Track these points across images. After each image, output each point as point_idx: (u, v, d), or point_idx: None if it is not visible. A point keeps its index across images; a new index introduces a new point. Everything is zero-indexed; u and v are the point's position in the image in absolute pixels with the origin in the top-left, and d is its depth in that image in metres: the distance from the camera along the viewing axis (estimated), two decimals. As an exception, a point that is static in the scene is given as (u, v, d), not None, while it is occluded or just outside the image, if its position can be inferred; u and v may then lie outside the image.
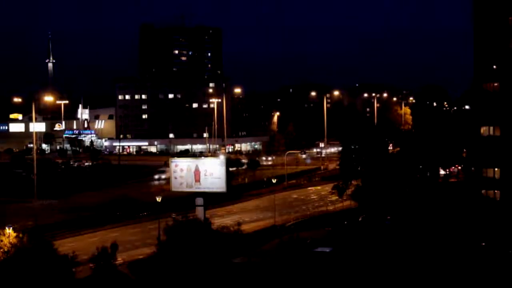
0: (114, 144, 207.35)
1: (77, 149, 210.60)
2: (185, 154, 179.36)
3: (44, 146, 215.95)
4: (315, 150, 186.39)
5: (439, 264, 59.22)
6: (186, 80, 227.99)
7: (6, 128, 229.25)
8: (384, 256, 62.32)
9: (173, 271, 53.34)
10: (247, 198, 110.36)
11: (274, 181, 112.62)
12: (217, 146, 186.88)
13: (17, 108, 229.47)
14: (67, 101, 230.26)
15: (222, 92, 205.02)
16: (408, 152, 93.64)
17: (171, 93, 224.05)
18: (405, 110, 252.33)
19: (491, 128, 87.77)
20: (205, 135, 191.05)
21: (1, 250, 53.09)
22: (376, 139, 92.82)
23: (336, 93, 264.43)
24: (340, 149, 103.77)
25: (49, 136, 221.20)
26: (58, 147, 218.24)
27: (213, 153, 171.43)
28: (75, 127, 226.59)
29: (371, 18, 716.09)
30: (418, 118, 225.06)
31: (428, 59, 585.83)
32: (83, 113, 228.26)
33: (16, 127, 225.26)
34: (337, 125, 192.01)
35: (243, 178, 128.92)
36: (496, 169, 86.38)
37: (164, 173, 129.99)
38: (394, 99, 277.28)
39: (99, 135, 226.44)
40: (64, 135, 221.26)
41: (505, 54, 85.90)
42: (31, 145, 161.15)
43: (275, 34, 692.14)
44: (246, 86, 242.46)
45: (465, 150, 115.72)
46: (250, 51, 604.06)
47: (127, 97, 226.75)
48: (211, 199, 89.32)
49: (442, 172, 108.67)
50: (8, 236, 54.44)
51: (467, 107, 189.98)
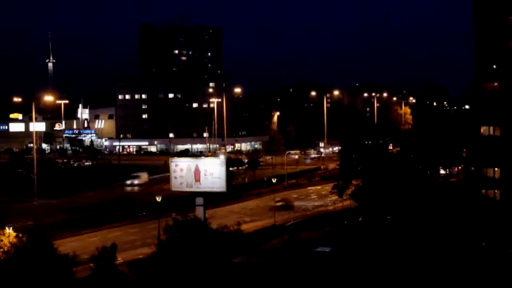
0: (114, 144, 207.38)
1: (77, 149, 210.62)
2: (185, 154, 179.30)
3: (44, 146, 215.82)
4: (312, 151, 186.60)
5: (439, 264, 59.21)
6: (186, 80, 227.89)
7: (6, 128, 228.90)
8: (384, 256, 62.31)
9: (173, 271, 53.36)
10: (247, 198, 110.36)
11: (274, 181, 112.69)
12: (217, 146, 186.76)
13: (17, 108, 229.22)
14: (67, 101, 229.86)
15: (222, 92, 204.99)
16: (408, 152, 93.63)
17: (171, 93, 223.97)
18: (405, 110, 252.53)
19: (491, 128, 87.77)
20: (205, 135, 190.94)
21: (1, 250, 53.11)
22: (376, 139, 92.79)
23: (336, 93, 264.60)
24: (340, 149, 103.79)
25: (49, 136, 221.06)
26: (58, 147, 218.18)
27: (213, 153, 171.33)
28: (75, 127, 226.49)
29: (371, 18, 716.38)
30: (418, 118, 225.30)
31: (428, 59, 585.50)
32: (83, 113, 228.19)
33: (16, 127, 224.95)
34: (337, 125, 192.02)
35: (243, 178, 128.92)
36: (496, 169, 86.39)
37: (138, 178, 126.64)
38: (394, 99, 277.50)
39: (99, 135, 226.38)
40: (64, 135, 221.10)
41: (505, 54, 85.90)
42: (31, 145, 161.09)
43: (275, 34, 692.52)
44: (246, 86, 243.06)
45: (465, 150, 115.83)
46: (250, 51, 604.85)
47: (127, 97, 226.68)
48: (211, 199, 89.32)
49: (442, 172, 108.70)
50: (8, 236, 54.49)
51: (467, 107, 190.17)
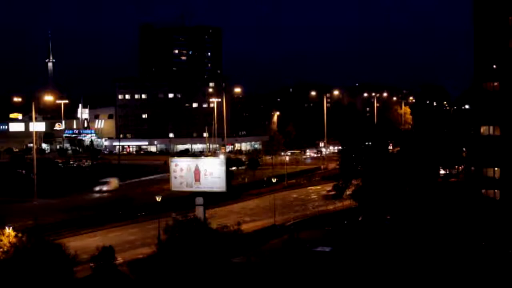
0: (114, 144, 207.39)
1: (77, 149, 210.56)
2: (185, 154, 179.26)
3: (44, 146, 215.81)
4: (309, 153, 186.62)
5: (439, 264, 59.18)
6: (186, 80, 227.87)
7: (6, 128, 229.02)
8: (384, 256, 62.28)
9: (173, 271, 53.33)
10: (247, 198, 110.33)
11: (274, 181, 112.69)
12: (217, 146, 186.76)
13: (17, 108, 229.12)
14: (67, 101, 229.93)
15: (222, 92, 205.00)
16: (408, 152, 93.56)
17: (171, 93, 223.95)
18: (405, 110, 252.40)
19: (491, 128, 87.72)
20: (205, 135, 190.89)
21: (1, 250, 53.11)
22: (376, 139, 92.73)
23: (336, 93, 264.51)
24: (340, 149, 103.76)
25: (49, 136, 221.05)
26: (58, 147, 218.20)
27: (213, 153, 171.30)
28: (75, 127, 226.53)
29: (371, 18, 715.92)
30: (418, 118, 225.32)
31: (428, 59, 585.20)
32: (83, 113, 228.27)
33: (16, 127, 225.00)
34: (337, 125, 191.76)
35: (243, 178, 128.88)
36: (496, 169, 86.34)
37: (107, 185, 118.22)
38: (394, 99, 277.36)
39: (99, 135, 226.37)
40: (64, 135, 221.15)
41: (505, 54, 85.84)
42: (31, 145, 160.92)
43: (275, 34, 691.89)
44: (246, 86, 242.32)
45: (465, 150, 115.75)
46: (250, 51, 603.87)
47: (127, 97, 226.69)
48: (211, 199, 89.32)
49: (442, 172, 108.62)
50: (8, 236, 54.49)
51: (467, 107, 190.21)
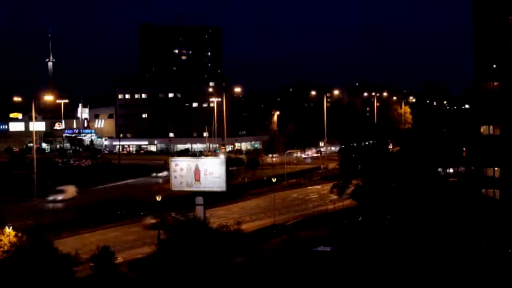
0: (114, 143, 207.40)
1: (77, 148, 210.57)
2: (185, 153, 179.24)
3: (44, 145, 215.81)
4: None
5: (439, 263, 59.19)
6: (186, 79, 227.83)
7: (6, 127, 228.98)
8: (384, 256, 62.27)
9: (173, 270, 53.35)
10: (247, 198, 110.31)
11: (274, 181, 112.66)
12: (217, 145, 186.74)
13: (17, 107, 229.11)
14: (67, 100, 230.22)
15: (222, 91, 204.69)
16: (408, 152, 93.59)
17: (171, 92, 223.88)
18: (405, 109, 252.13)
19: (491, 127, 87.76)
20: (205, 134, 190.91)
21: (1, 250, 53.12)
22: (376, 139, 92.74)
23: (336, 93, 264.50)
24: (340, 149, 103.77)
25: (49, 135, 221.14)
26: (58, 146, 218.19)
27: (213, 153, 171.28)
28: (75, 126, 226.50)
29: (371, 18, 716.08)
30: (418, 117, 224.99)
31: (428, 58, 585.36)
32: (83, 112, 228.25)
33: (16, 126, 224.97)
34: (337, 125, 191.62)
35: (243, 178, 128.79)
36: (496, 168, 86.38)
37: (62, 193, 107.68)
38: (394, 98, 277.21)
39: (99, 134, 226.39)
40: (64, 134, 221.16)
41: (505, 54, 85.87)
42: (31, 144, 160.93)
43: (275, 34, 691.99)
44: (246, 86, 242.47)
45: (465, 149, 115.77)
46: (250, 51, 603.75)
47: (127, 96, 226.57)
48: (211, 198, 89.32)
49: (440, 170, 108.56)
50: (8, 236, 54.51)
51: (467, 106, 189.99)
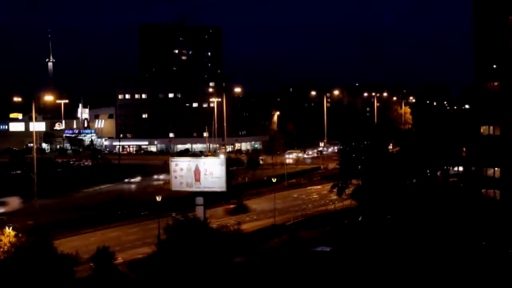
0: (114, 144, 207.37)
1: (77, 149, 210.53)
2: (185, 154, 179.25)
3: (44, 146, 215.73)
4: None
5: (439, 264, 59.19)
6: (186, 80, 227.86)
7: (6, 128, 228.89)
8: (384, 256, 62.28)
9: (173, 270, 53.35)
10: (247, 198, 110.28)
11: (274, 181, 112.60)
12: (217, 146, 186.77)
13: (17, 108, 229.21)
14: (67, 101, 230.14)
15: (222, 92, 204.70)
16: (408, 152, 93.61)
17: (171, 93, 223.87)
18: (405, 110, 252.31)
19: (491, 128, 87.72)
20: (205, 135, 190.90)
21: (1, 250, 53.10)
22: (376, 139, 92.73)
23: (336, 93, 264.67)
24: (340, 149, 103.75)
25: (49, 136, 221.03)
26: (58, 147, 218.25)
27: (213, 153, 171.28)
28: (75, 127, 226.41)
29: (371, 18, 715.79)
30: (418, 118, 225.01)
31: (429, 58, 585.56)
32: (83, 113, 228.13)
33: (16, 127, 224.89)
34: (337, 125, 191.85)
35: (243, 178, 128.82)
36: (496, 169, 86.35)
37: (3, 205, 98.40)
38: (394, 99, 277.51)
39: (99, 135, 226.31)
40: (64, 135, 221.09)
41: (505, 54, 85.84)
42: (31, 145, 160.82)
43: (275, 34, 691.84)
44: (246, 86, 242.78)
45: (465, 150, 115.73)
46: (250, 51, 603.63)
47: (127, 97, 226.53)
48: (211, 199, 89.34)
49: (442, 171, 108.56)
50: (8, 236, 54.49)
51: (467, 107, 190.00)
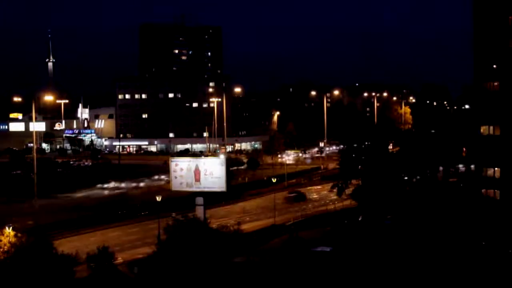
0: (114, 144, 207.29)
1: (77, 149, 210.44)
2: (185, 154, 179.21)
3: (44, 146, 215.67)
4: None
5: (439, 264, 59.19)
6: (186, 80, 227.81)
7: (6, 128, 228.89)
8: (384, 256, 62.28)
9: (173, 270, 53.36)
10: (247, 198, 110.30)
11: (274, 181, 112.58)
12: (217, 146, 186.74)
13: (17, 108, 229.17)
14: (67, 101, 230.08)
15: (222, 92, 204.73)
16: (408, 152, 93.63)
17: (171, 93, 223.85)
18: (405, 110, 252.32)
19: (491, 128, 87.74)
20: (205, 135, 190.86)
21: (1, 250, 53.10)
22: (376, 139, 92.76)
23: (336, 93, 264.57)
24: (340, 149, 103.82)
25: (49, 136, 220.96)
26: (58, 147, 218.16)
27: (213, 153, 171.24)
28: (75, 127, 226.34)
29: (371, 18, 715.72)
30: (418, 118, 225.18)
31: (428, 59, 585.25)
32: (83, 113, 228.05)
33: (16, 127, 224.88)
34: (337, 125, 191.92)
35: (243, 178, 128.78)
36: (496, 169, 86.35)
37: None
38: (394, 99, 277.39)
39: (99, 135, 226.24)
40: (64, 135, 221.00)
41: (505, 54, 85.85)
42: (31, 145, 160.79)
43: (275, 34, 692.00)
44: (246, 86, 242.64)
45: (465, 150, 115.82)
46: (250, 51, 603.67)
47: (127, 97, 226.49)
48: (211, 199, 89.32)
49: (442, 171, 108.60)
50: (8, 236, 54.47)
51: (467, 107, 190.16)
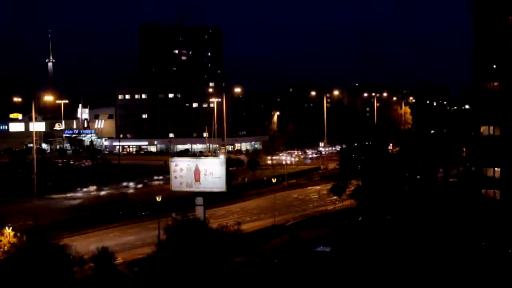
0: (114, 144, 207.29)
1: (77, 149, 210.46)
2: (185, 154, 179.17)
3: (44, 146, 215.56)
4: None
5: (439, 264, 59.17)
6: (186, 80, 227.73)
7: (6, 128, 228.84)
8: (384, 256, 62.26)
9: (173, 271, 53.33)
10: (247, 198, 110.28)
11: (274, 181, 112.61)
12: (217, 146, 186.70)
13: (17, 108, 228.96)
14: (67, 101, 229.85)
15: (222, 92, 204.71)
16: (408, 152, 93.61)
17: (171, 93, 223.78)
18: (405, 110, 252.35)
19: (491, 128, 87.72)
20: (205, 135, 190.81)
21: (1, 250, 53.12)
22: (376, 139, 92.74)
23: (336, 93, 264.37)
24: (340, 149, 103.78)
25: (49, 136, 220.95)
26: (58, 147, 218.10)
27: (213, 153, 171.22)
28: (75, 127, 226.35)
29: (371, 18, 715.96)
30: (418, 118, 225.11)
31: (428, 59, 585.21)
32: (83, 113, 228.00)
33: (16, 127, 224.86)
34: (337, 125, 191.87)
35: (243, 178, 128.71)
36: (496, 169, 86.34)
37: None
38: (394, 99, 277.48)
39: (99, 135, 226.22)
40: (64, 135, 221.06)
41: (505, 54, 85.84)
42: (31, 145, 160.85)
43: (275, 34, 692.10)
44: (246, 86, 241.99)
45: (465, 150, 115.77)
46: (250, 51, 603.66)
47: (127, 97, 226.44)
48: (211, 199, 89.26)
49: (442, 171, 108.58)
50: (8, 236, 54.50)
51: (467, 107, 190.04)
